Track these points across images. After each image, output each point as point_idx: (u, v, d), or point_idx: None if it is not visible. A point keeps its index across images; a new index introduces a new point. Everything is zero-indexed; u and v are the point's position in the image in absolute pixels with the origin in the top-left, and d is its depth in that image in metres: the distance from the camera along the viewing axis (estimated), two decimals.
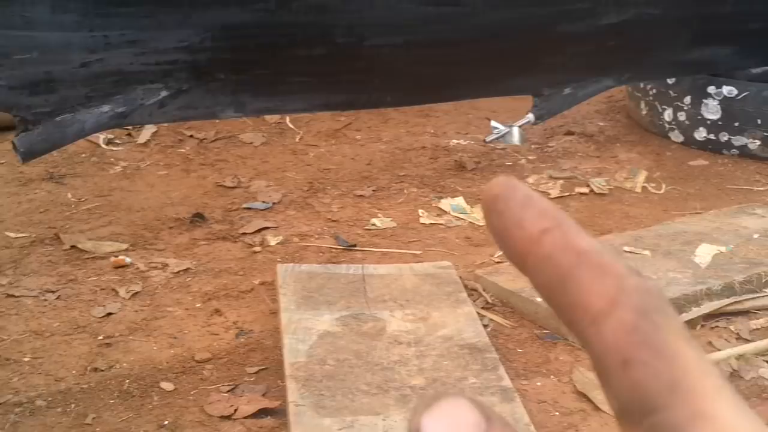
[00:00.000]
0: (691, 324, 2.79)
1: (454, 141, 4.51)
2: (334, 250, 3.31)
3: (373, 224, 3.54)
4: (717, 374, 0.31)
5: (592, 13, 3.59)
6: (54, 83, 2.88)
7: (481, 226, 3.53)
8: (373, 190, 3.87)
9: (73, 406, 2.37)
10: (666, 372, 0.30)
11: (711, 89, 4.23)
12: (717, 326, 2.81)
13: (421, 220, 3.58)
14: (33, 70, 2.86)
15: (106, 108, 2.99)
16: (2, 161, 4.06)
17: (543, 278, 0.34)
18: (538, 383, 2.50)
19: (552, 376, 2.54)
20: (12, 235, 3.35)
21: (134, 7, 2.87)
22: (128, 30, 2.89)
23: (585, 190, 3.91)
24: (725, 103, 4.21)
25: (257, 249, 3.31)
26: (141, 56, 2.97)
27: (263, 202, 3.74)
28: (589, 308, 0.32)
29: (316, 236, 3.43)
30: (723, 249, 3.15)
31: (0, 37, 2.75)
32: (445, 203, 3.73)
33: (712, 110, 4.25)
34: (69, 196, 3.74)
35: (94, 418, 2.32)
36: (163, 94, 3.07)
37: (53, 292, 2.95)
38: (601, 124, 4.72)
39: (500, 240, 0.35)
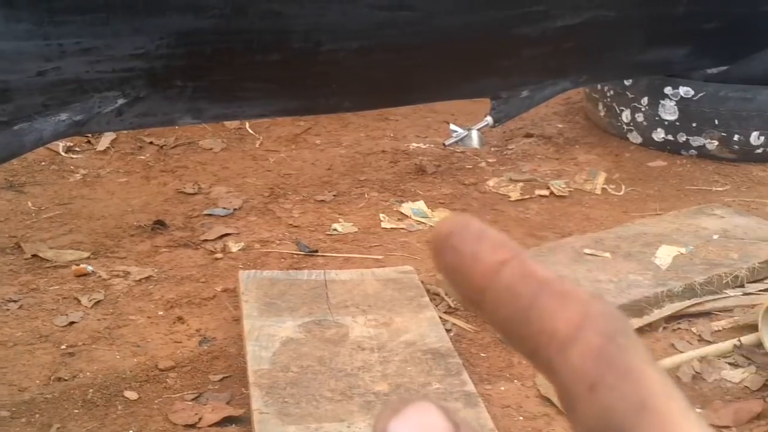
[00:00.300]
0: (652, 326, 2.82)
1: (414, 144, 4.52)
2: (295, 256, 3.31)
3: (335, 229, 3.54)
4: (681, 397, 0.31)
5: (547, 15, 3.62)
6: (10, 92, 2.86)
7: None
8: (334, 195, 3.87)
9: (37, 416, 2.35)
10: (633, 394, 0.31)
11: (668, 90, 4.27)
12: (679, 328, 2.84)
13: (383, 225, 3.58)
14: None
15: (63, 116, 2.98)
16: None
17: (504, 311, 0.33)
18: (502, 388, 2.52)
19: (516, 381, 2.55)
20: None
21: (88, 14, 2.86)
22: (83, 38, 2.88)
23: (545, 192, 3.94)
24: (682, 103, 4.25)
25: (219, 256, 3.30)
26: (97, 64, 2.96)
27: (224, 208, 3.73)
28: (555, 335, 0.32)
29: (278, 242, 3.43)
30: (683, 250, 3.18)
31: None
32: (406, 207, 3.74)
33: (669, 111, 4.29)
34: (29, 204, 3.71)
35: (58, 428, 2.30)
36: (120, 101, 3.06)
37: (15, 301, 2.93)
38: (560, 126, 4.76)
39: (455, 277, 0.35)
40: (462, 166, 4.23)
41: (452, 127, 4.15)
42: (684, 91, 4.24)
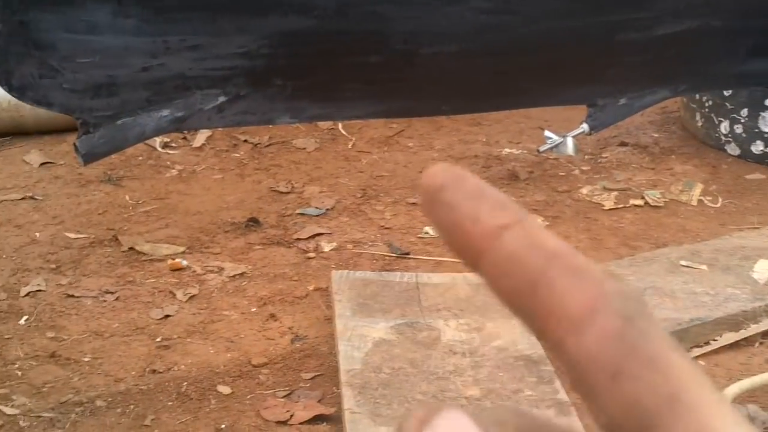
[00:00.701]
0: (749, 341, 2.77)
1: (507, 150, 4.50)
2: (387, 258, 3.32)
3: (426, 232, 3.54)
4: (713, 387, 0.29)
5: (649, 23, 3.58)
6: (115, 87, 2.91)
7: None
8: None
9: (132, 407, 2.40)
10: (662, 385, 0.28)
11: None
12: None
13: None
14: (95, 74, 2.89)
15: (165, 112, 3.02)
16: (61, 163, 4.11)
17: (506, 281, 0.31)
18: None
19: None
20: (71, 235, 3.40)
21: (194, 12, 2.90)
22: (188, 35, 2.92)
23: (640, 202, 3.89)
24: None
25: (311, 255, 3.32)
26: (201, 62, 3.00)
27: (317, 208, 3.75)
28: (567, 316, 0.29)
29: (370, 243, 3.44)
30: None
31: (63, 41, 2.79)
32: None
33: None
34: (126, 198, 3.78)
35: (152, 419, 2.34)
36: (222, 99, 3.10)
37: (112, 293, 2.98)
38: (656, 135, 4.69)
39: (448, 235, 0.32)
40: (555, 173, 4.20)
41: (547, 133, 4.11)
42: None
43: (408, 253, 3.35)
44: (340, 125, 4.71)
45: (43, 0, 2.73)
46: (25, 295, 2.96)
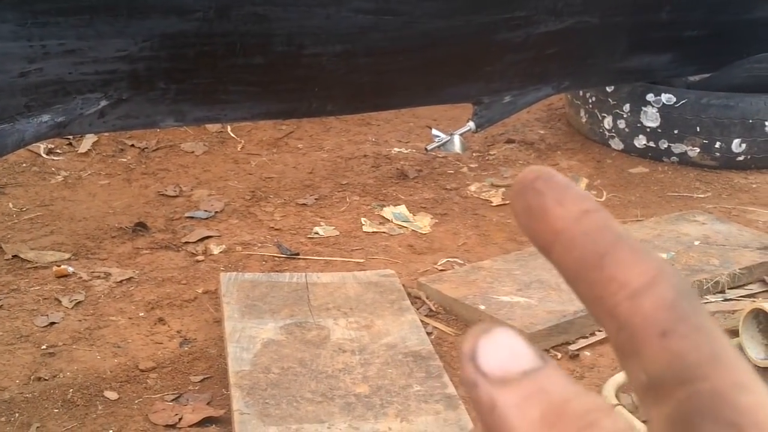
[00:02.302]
0: None
1: (396, 149, 4.53)
2: (277, 259, 3.31)
3: (316, 233, 3.54)
4: (742, 356, 0.32)
5: (529, 21, 3.64)
6: None
7: (424, 234, 3.56)
8: (316, 199, 3.87)
9: (17, 415, 2.35)
10: (706, 345, 0.31)
11: (650, 97, 4.29)
12: None
13: (364, 229, 3.59)
14: None
15: (45, 118, 2.97)
16: None
17: (577, 253, 0.33)
18: None
19: None
20: None
21: (72, 16, 2.86)
22: (66, 39, 2.88)
23: None
24: (664, 110, 4.27)
25: (200, 258, 3.30)
26: (80, 66, 2.95)
27: (205, 211, 3.73)
28: (629, 283, 0.32)
29: (259, 245, 3.43)
30: (664, 256, 3.19)
31: None
32: (388, 211, 3.75)
33: (651, 118, 4.31)
34: (10, 205, 3.70)
35: (38, 427, 2.30)
36: (103, 103, 3.06)
37: None
38: (542, 132, 4.77)
39: (533, 218, 0.35)
40: (444, 171, 4.25)
41: (434, 131, 4.16)
42: (666, 98, 4.26)
43: (298, 254, 3.35)
44: (228, 128, 4.69)
45: None
46: None
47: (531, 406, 0.31)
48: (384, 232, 3.57)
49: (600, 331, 2.80)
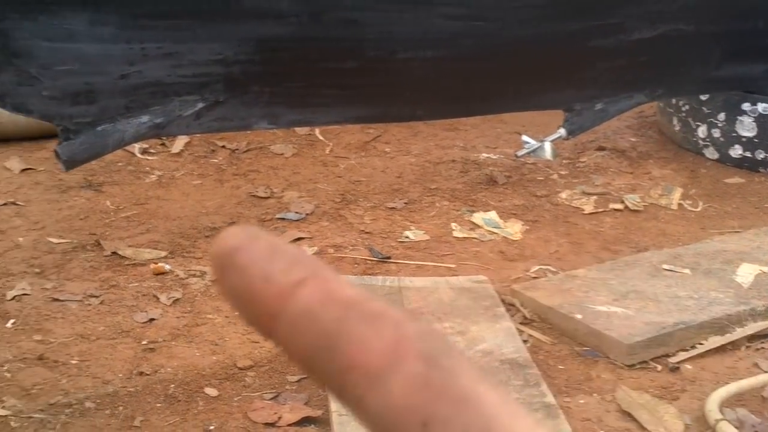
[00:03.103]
0: (735, 345, 2.78)
1: (484, 155, 4.52)
2: (368, 262, 3.33)
3: (406, 237, 3.55)
4: (525, 414, 0.28)
5: (623, 28, 3.61)
6: (94, 94, 2.92)
7: (515, 241, 3.54)
8: (405, 203, 3.89)
9: (121, 408, 2.40)
10: (475, 422, 0.27)
11: (746, 106, 4.22)
12: (762, 347, 2.79)
13: (454, 234, 3.59)
14: (74, 81, 2.89)
15: (144, 118, 3.03)
16: (41, 169, 4.10)
17: (303, 341, 0.29)
18: (581, 401, 2.50)
19: (595, 394, 2.53)
20: (54, 240, 3.39)
21: (171, 20, 2.91)
22: (165, 42, 2.93)
23: (619, 206, 3.91)
24: (761, 120, 4.20)
25: None
26: (178, 68, 3.01)
27: (296, 213, 3.76)
28: (369, 366, 0.28)
29: (350, 247, 3.45)
30: (765, 269, 3.13)
31: (42, 49, 2.79)
32: (478, 217, 3.74)
33: (747, 127, 4.24)
34: (107, 203, 3.78)
35: (141, 420, 2.35)
36: (200, 105, 3.11)
37: (96, 296, 2.98)
38: (633, 139, 4.73)
39: (241, 301, 0.30)
40: (533, 177, 4.23)
41: (524, 138, 4.14)
42: (762, 107, 4.18)
43: (389, 258, 3.36)
44: (317, 131, 4.72)
45: (20, 8, 2.73)
46: (11, 299, 2.95)
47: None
48: (475, 238, 3.57)
49: (701, 343, 2.76)
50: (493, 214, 3.76)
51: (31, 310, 2.91)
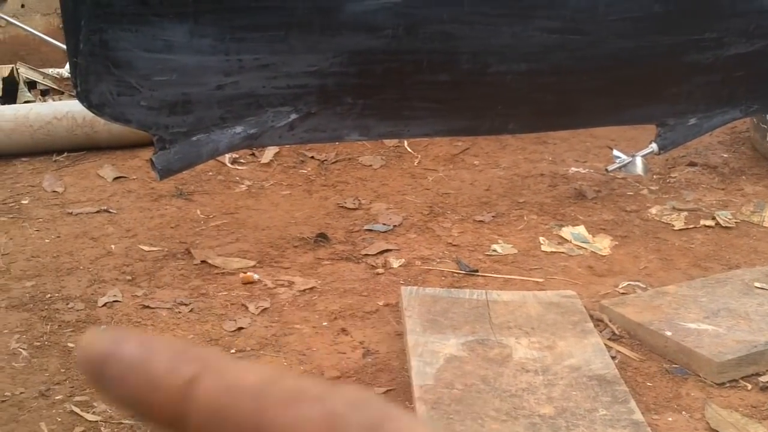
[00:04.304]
0: None
1: (573, 169, 4.50)
2: (456, 275, 3.33)
3: (494, 250, 3.55)
4: None
5: (719, 43, 3.57)
6: (191, 104, 2.98)
7: (604, 256, 3.52)
8: (493, 216, 3.88)
9: None
10: None
11: None
12: None
13: (542, 248, 3.58)
14: (172, 92, 2.95)
15: (238, 129, 3.08)
16: (133, 177, 4.19)
17: None
18: (670, 418, 2.48)
19: (683, 412, 2.51)
20: (145, 248, 3.46)
21: (267, 32, 2.95)
22: (261, 54, 2.98)
23: (710, 222, 3.85)
24: None
25: (380, 270, 3.35)
26: (272, 80, 3.05)
27: (384, 224, 3.78)
28: None
29: (438, 260, 3.46)
30: None
31: (140, 59, 2.86)
32: (566, 231, 3.72)
33: None
34: (198, 212, 3.84)
35: None
36: (293, 116, 3.15)
37: (186, 305, 3.03)
38: (725, 155, 4.66)
39: (135, 412, 0.28)
40: (623, 192, 4.19)
41: (615, 152, 4.11)
42: None
43: (476, 271, 3.36)
44: (405, 143, 4.74)
45: (121, 20, 2.80)
46: (102, 306, 3.02)
47: None
48: (563, 253, 3.55)
49: None
50: (581, 229, 3.74)
51: (122, 317, 2.96)
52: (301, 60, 3.06)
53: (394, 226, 3.78)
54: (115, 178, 4.17)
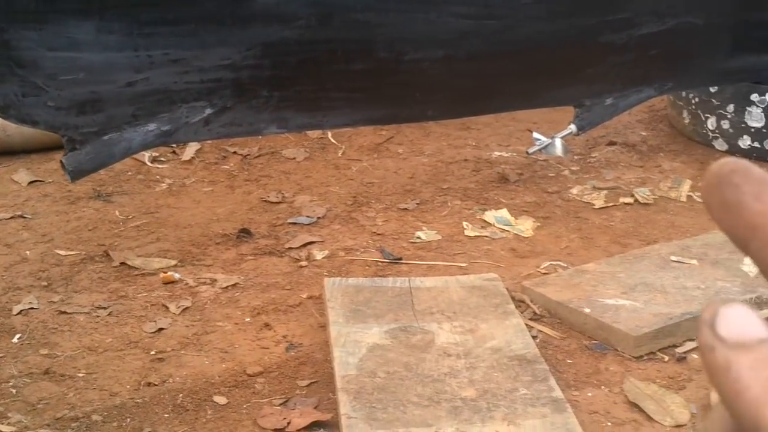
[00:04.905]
0: None
1: (496, 153, 4.51)
2: (380, 264, 3.32)
3: (418, 237, 3.55)
4: None
5: (632, 23, 3.58)
6: (100, 103, 2.91)
7: (527, 237, 3.53)
8: (417, 203, 3.88)
9: (128, 420, 2.39)
10: None
11: (754, 97, 4.21)
12: None
13: (466, 233, 3.58)
14: (80, 91, 2.89)
15: (152, 126, 3.02)
16: (49, 180, 4.11)
17: None
18: (589, 394, 2.50)
19: (603, 387, 2.53)
20: (62, 252, 3.40)
21: (177, 26, 2.90)
22: (172, 49, 2.92)
23: (629, 200, 3.90)
24: None
25: (304, 263, 3.33)
26: (185, 75, 3.00)
27: (308, 216, 3.76)
28: None
29: (362, 250, 3.45)
30: None
31: (45, 59, 2.79)
32: (489, 215, 3.74)
33: (756, 118, 4.23)
34: (117, 213, 3.78)
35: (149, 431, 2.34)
36: (208, 111, 3.10)
37: (105, 308, 2.98)
38: (644, 133, 4.71)
39: (728, 212, 0.35)
40: (545, 174, 4.22)
41: (535, 135, 4.13)
42: None
43: (400, 259, 3.36)
44: (329, 134, 4.72)
45: (24, 18, 2.73)
46: (17, 314, 2.95)
47: (765, 368, 0.31)
48: (486, 236, 3.56)
49: None
50: (504, 212, 3.75)
51: (38, 324, 2.91)
52: (213, 54, 3.01)
53: (318, 218, 3.76)
54: (30, 182, 4.09)
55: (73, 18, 2.80)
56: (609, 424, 2.37)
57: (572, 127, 3.84)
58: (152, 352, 2.74)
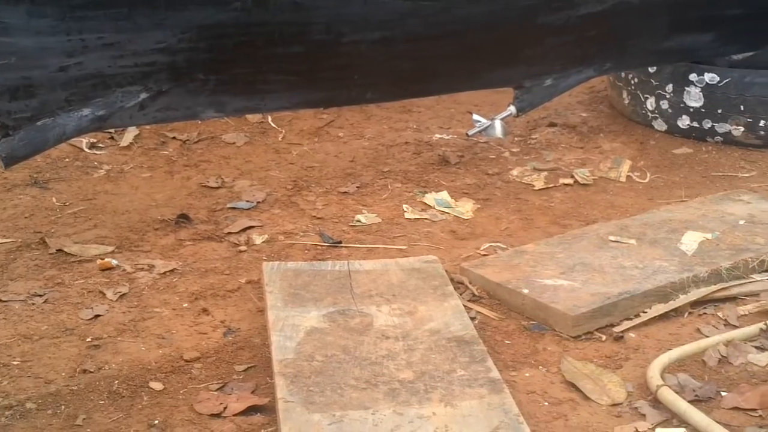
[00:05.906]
0: (678, 311, 2.80)
1: (437, 136, 4.51)
2: (319, 248, 3.31)
3: (358, 220, 3.54)
4: None
5: (570, 3, 3.59)
6: (33, 88, 2.87)
7: (467, 219, 3.54)
8: (357, 187, 3.87)
9: (63, 407, 2.36)
10: None
11: (693, 77, 4.25)
12: (705, 313, 2.82)
13: (406, 215, 3.58)
14: (12, 76, 2.84)
15: (86, 111, 2.98)
16: None
17: None
18: (527, 374, 2.50)
19: (540, 367, 2.54)
20: None
21: (110, 9, 2.85)
22: (105, 33, 2.88)
23: (569, 181, 3.93)
24: (707, 90, 4.22)
25: (243, 248, 3.30)
26: (119, 59, 2.96)
27: (247, 201, 3.73)
28: None
29: (302, 234, 3.43)
30: (709, 236, 3.17)
31: None
32: (430, 198, 3.74)
33: (694, 98, 4.26)
34: (54, 200, 3.73)
35: (84, 419, 2.31)
36: (143, 96, 3.06)
37: (41, 295, 2.94)
38: (584, 114, 4.73)
39: None
40: (485, 156, 4.22)
41: (475, 117, 4.13)
42: (709, 77, 4.21)
43: (340, 242, 3.35)
44: (269, 118, 4.70)
45: None
46: None
47: None
48: (426, 219, 3.56)
49: (645, 312, 2.77)
50: (444, 194, 3.76)
51: None
52: (147, 37, 2.98)
53: (258, 202, 3.73)
54: None
55: (4, 2, 2.75)
56: (546, 403, 2.38)
57: (512, 109, 3.85)
58: (88, 339, 2.70)
